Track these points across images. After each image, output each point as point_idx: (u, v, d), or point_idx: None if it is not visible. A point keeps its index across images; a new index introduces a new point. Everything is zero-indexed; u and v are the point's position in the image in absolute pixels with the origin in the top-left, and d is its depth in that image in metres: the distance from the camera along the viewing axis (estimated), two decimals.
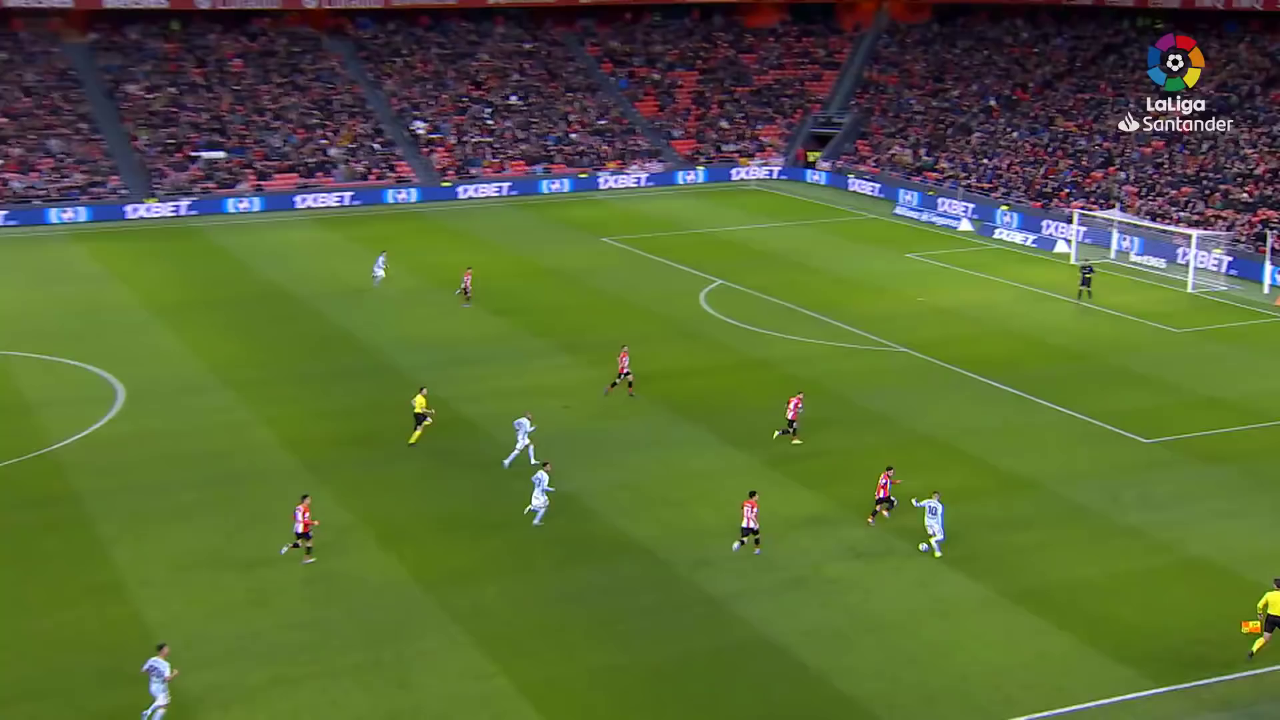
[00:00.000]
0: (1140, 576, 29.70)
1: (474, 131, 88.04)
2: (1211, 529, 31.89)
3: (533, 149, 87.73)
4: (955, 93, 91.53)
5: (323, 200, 79.05)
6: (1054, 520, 32.59)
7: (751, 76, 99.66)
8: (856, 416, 39.77)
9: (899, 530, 31.83)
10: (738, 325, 50.76)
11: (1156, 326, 51.01)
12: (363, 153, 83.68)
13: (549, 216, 76.29)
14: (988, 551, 30.92)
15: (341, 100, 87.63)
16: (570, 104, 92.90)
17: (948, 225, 72.85)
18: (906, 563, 30.38)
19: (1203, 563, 30.22)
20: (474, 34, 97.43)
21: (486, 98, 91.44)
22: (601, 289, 57.10)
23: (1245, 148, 68.49)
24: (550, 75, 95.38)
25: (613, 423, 39.30)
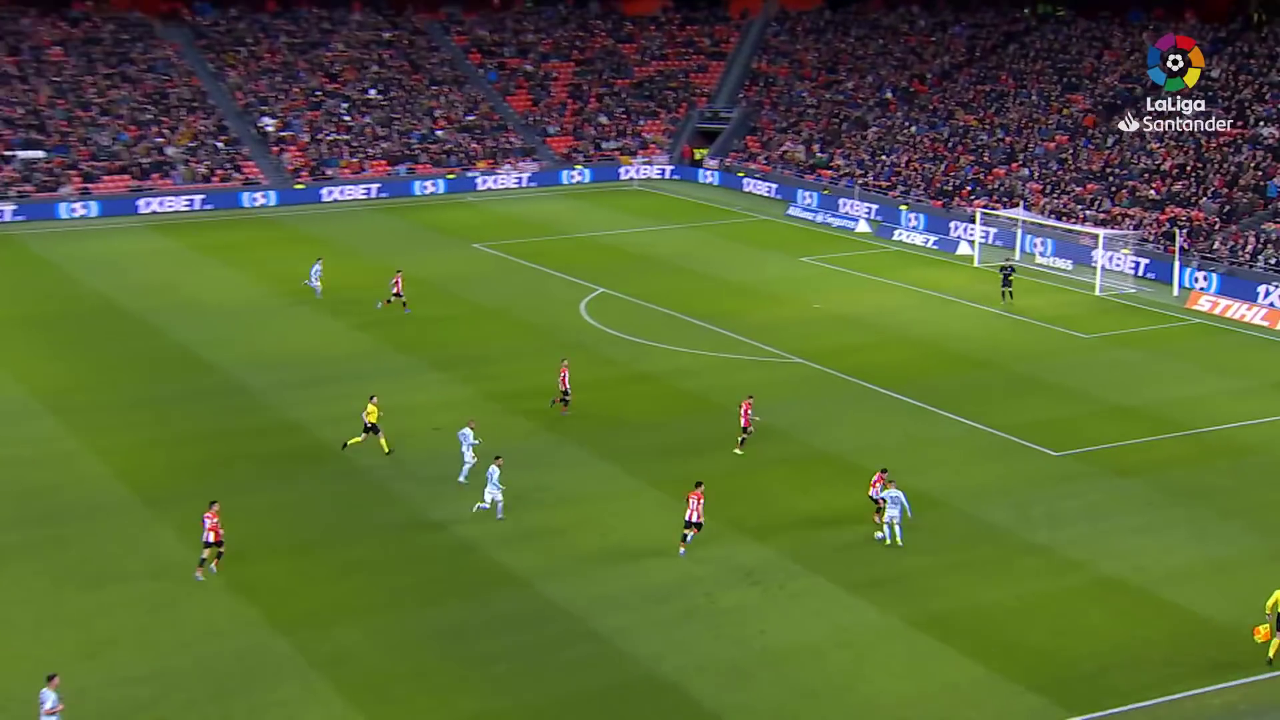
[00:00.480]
0: (1051, 598, 30.36)
1: (329, 129, 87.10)
2: (1124, 546, 32.73)
3: (395, 147, 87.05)
4: (849, 85, 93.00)
5: (169, 204, 77.45)
6: (960, 540, 33.17)
7: (632, 68, 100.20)
8: (754, 433, 40.04)
9: (797, 553, 32.13)
10: (621, 336, 50.84)
11: (1064, 332, 52.29)
12: (204, 152, 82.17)
13: (417, 220, 75.74)
14: (891, 575, 31.36)
15: (179, 94, 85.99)
16: (435, 98, 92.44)
17: (845, 226, 73.94)
18: (806, 589, 30.67)
19: (1115, 582, 31.00)
20: (327, 21, 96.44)
21: (342, 91, 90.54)
22: (473, 299, 56.82)
23: (1151, 142, 70.64)
24: (413, 67, 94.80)
25: (485, 443, 39.08)
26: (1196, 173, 66.36)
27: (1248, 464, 37.99)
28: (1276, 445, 39.44)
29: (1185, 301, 56.71)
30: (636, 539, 33.08)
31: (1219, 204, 63.51)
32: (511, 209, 79.96)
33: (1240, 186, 64.03)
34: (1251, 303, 54.84)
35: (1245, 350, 50.26)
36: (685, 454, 38.66)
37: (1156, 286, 59.82)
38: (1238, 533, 33.47)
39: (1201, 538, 33.22)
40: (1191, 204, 64.49)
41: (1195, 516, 34.43)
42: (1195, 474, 37.17)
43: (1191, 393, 44.48)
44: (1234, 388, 45.20)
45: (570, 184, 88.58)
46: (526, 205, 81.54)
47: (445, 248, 67.98)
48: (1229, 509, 34.84)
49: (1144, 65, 77.66)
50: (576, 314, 54.46)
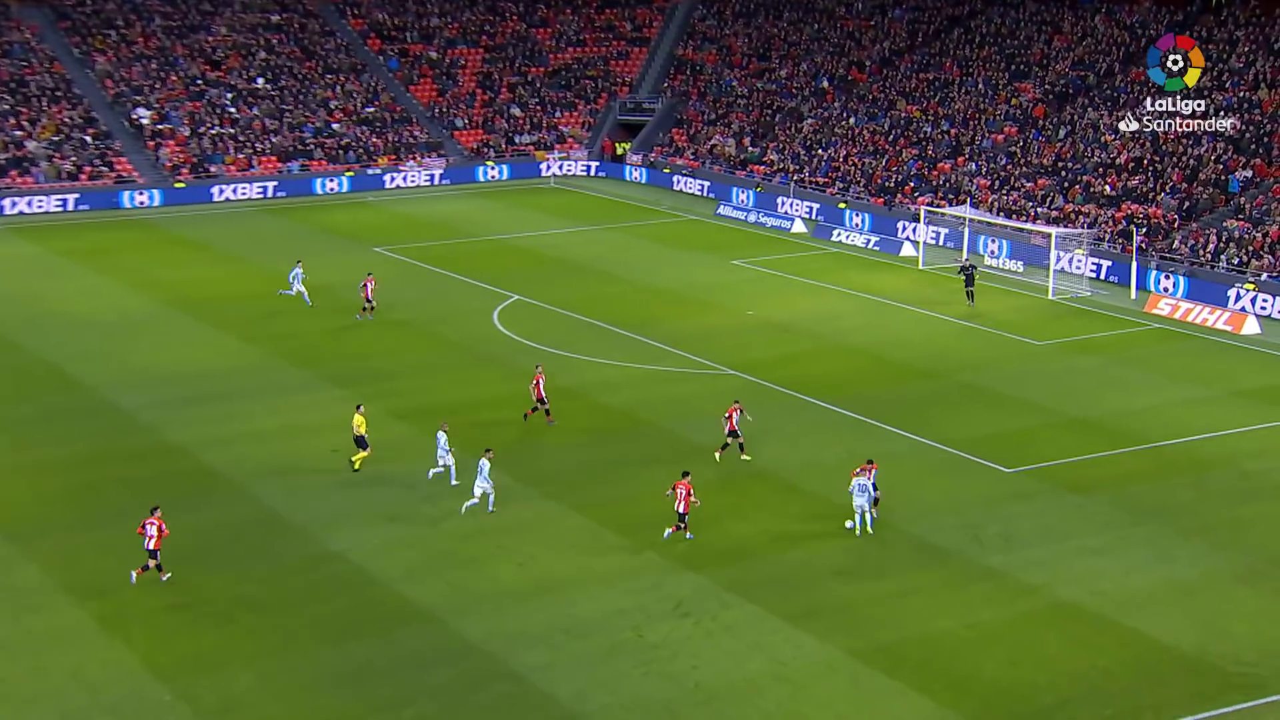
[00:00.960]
0: (1005, 626, 30.66)
1: (212, 121, 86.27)
2: (1081, 568, 33.15)
3: (286, 142, 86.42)
4: (783, 73, 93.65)
5: (38, 205, 76.22)
6: (907, 565, 33.43)
7: (547, 55, 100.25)
8: (679, 451, 40.12)
9: (732, 581, 32.22)
10: (537, 348, 50.77)
11: (1015, 338, 52.93)
12: (70, 147, 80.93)
13: (313, 222, 75.25)
14: (833, 604, 31.54)
15: (39, 82, 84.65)
16: (330, 88, 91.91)
17: (779, 227, 74.41)
18: (741, 620, 30.75)
19: (1073, 608, 31.37)
20: (208, 2, 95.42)
21: (227, 80, 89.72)
22: (376, 308, 56.52)
23: (1105, 133, 71.75)
24: (305, 53, 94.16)
25: (391, 467, 38.87)
26: (1154, 166, 67.51)
27: (1211, 479, 38.63)
28: (1240, 458, 40.16)
29: (1144, 305, 57.63)
30: (558, 569, 33.00)
31: (1178, 200, 64.65)
32: (418, 209, 79.60)
33: (1200, 181, 65.22)
34: (1214, 306, 55.84)
35: (1207, 357, 51.16)
36: (610, 475, 38.66)
37: (1113, 289, 60.73)
38: (1201, 553, 34.02)
39: (1163, 558, 33.73)
40: (1149, 200, 65.60)
41: (1156, 536, 34.94)
42: (1156, 490, 37.74)
43: (1151, 403, 45.19)
44: (1196, 397, 45.99)
45: (485, 181, 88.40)
46: (434, 205, 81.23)
47: (345, 252, 67.57)
48: (1191, 527, 35.40)
49: (1097, 51, 79.00)
50: (489, 323, 54.29)
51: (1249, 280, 57.45)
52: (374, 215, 78.10)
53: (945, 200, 71.83)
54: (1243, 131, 66.97)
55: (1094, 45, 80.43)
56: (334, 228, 73.83)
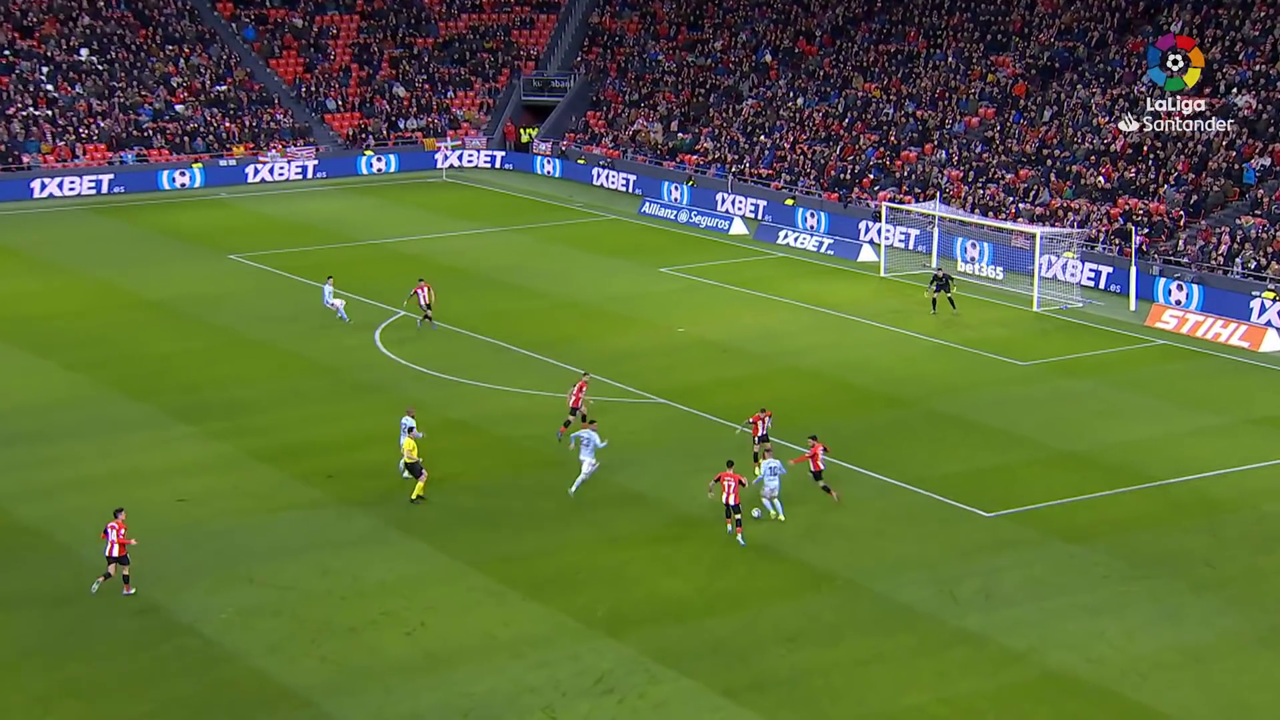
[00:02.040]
0: (986, 700, 30.85)
1: (24, 101, 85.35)
2: (1075, 630, 33.43)
3: (117, 127, 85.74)
4: (717, 45, 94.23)
5: None
6: (871, 627, 33.59)
7: (436, 23, 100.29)
8: (599, 496, 40.13)
9: (662, 650, 32.25)
10: (428, 373, 50.63)
11: (995, 358, 53.41)
12: None
13: (152, 224, 74.69)
14: (784, 675, 31.62)
15: None
16: (172, 62, 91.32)
17: (715, 227, 74.75)
18: (673, 696, 30.75)
19: (1066, 678, 31.63)
20: None
21: (42, 51, 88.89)
22: (231, 328, 56.25)
23: (1098, 115, 72.77)
24: (139, 20, 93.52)
25: (251, 518, 38.62)
26: (1155, 154, 68.53)
27: (1225, 523, 39.13)
28: (1260, 499, 40.72)
29: (1145, 317, 58.39)
30: (455, 638, 32.90)
31: (1184, 193, 65.66)
32: (282, 208, 79.16)
33: (1210, 171, 66.28)
34: (1227, 318, 56.69)
35: (1220, 379, 51.89)
36: (516, 524, 38.59)
37: (1109, 299, 61.47)
38: (1215, 611, 34.42)
39: (1171, 618, 34.09)
40: (1150, 194, 66.56)
41: (1163, 591, 35.31)
42: (1162, 537, 38.14)
43: (1155, 434, 45.75)
44: (1207, 426, 46.60)
45: (363, 174, 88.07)
46: (302, 203, 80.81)
47: (191, 259, 67.12)
48: (1204, 581, 35.82)
49: (1087, 18, 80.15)
50: (369, 345, 54.04)
51: (1269, 288, 58.41)
52: (229, 215, 77.48)
53: (911, 195, 72.50)
54: (1259, 111, 68.12)
55: (1084, 11, 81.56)
56: (179, 231, 73.21)
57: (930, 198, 69.90)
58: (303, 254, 67.62)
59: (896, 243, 68.97)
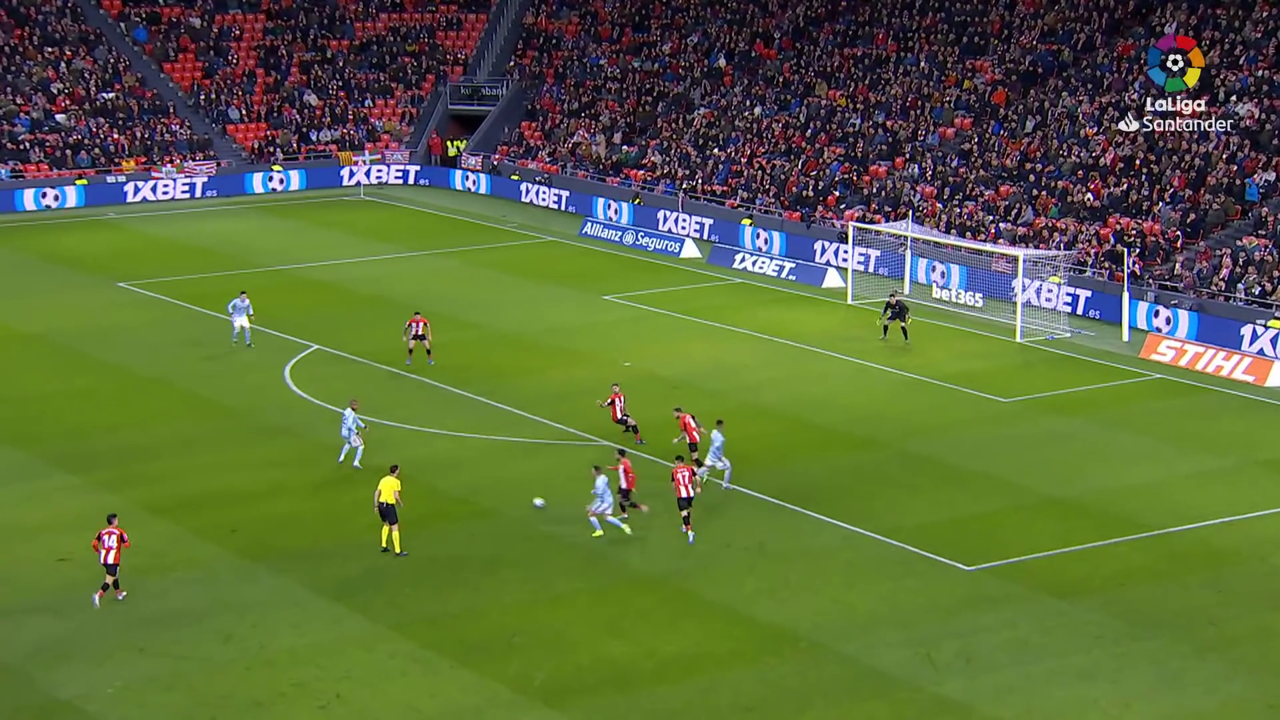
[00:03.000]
0: None
1: None
2: (1065, 697, 33.38)
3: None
4: (666, 48, 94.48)
5: None
6: (840, 695, 33.49)
7: (351, 24, 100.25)
8: (538, 548, 39.96)
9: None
10: (337, 411, 50.49)
11: (975, 394, 53.50)
12: None
13: (31, 248, 74.25)
14: None
15: None
16: (51, 66, 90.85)
17: (665, 250, 74.76)
18: None
19: None
20: None
21: None
22: (121, 364, 56.06)
23: (1085, 125, 73.17)
24: (14, 18, 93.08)
25: (142, 579, 38.23)
26: (1149, 168, 68.93)
27: (1230, 577, 39.20)
28: (1268, 549, 40.82)
29: (1139, 349, 58.63)
30: (374, 712, 32.65)
31: (1180, 212, 66.04)
32: (179, 229, 78.79)
33: (1209, 187, 66.68)
34: (1229, 349, 56.95)
35: (1222, 417, 52.10)
36: (443, 581, 38.37)
37: (1100, 328, 61.73)
38: (1221, 676, 34.44)
39: (1172, 683, 34.10)
40: (1144, 213, 66.92)
41: (1162, 653, 35.33)
42: (1160, 592, 38.18)
43: (1151, 477, 45.89)
44: (1209, 469, 46.77)
45: (270, 192, 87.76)
46: (201, 224, 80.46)
47: (75, 287, 66.81)
48: (1207, 641, 35.85)
49: (1072, 18, 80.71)
50: (278, 382, 53.78)
51: (1275, 316, 58.72)
52: (117, 238, 77.09)
53: (880, 214, 72.70)
54: (1261, 121, 68.64)
55: (1069, 11, 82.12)
56: (61, 255, 72.82)
57: (902, 217, 70.10)
58: (202, 281, 67.27)
59: (863, 266, 69.00)
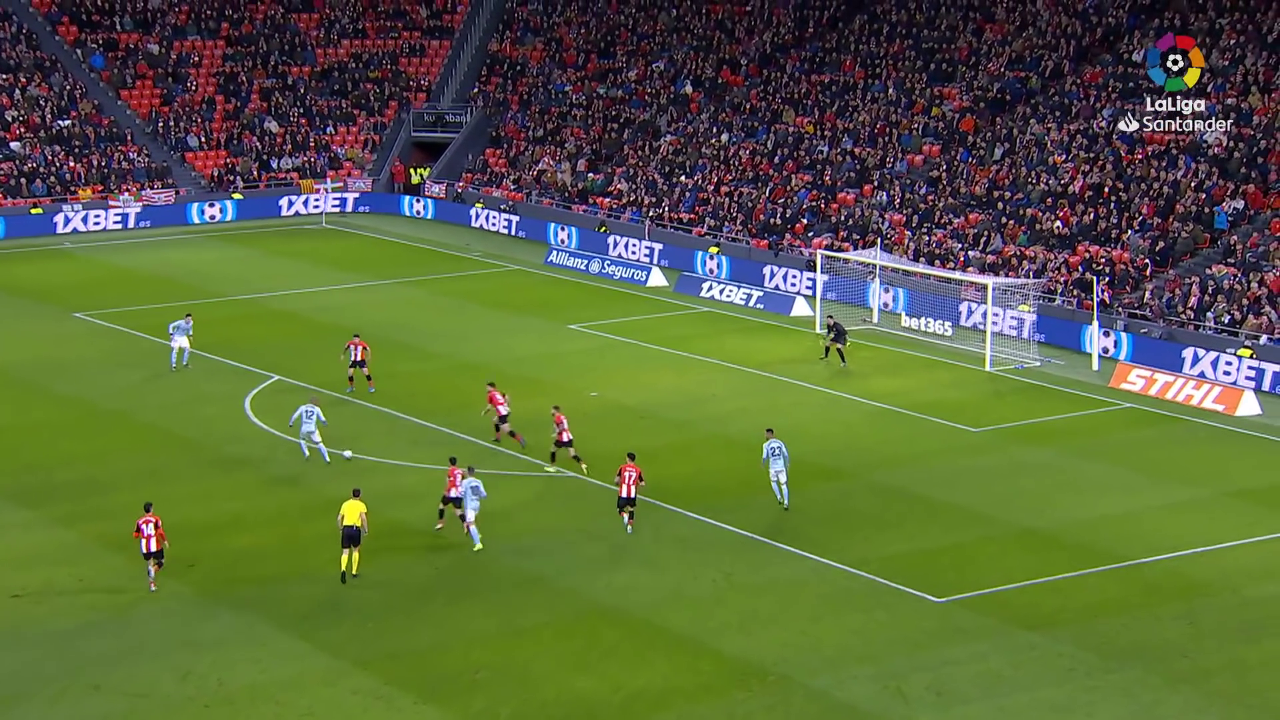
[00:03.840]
0: None
1: None
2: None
3: None
4: (632, 74, 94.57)
5: None
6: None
7: (313, 50, 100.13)
8: (502, 581, 39.81)
9: None
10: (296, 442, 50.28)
11: (944, 424, 53.54)
12: None
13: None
14: None
15: None
16: (6, 93, 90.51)
17: (631, 279, 74.73)
18: None
19: None
20: None
21: None
22: (77, 397, 55.89)
23: (1054, 152, 73.40)
24: None
25: (98, 615, 37.95)
26: (1117, 195, 69.15)
27: (1205, 608, 39.16)
28: (1241, 581, 40.81)
29: (1109, 378, 58.74)
30: None
31: (1149, 240, 66.25)
32: (137, 259, 78.55)
33: (1178, 215, 66.93)
34: (1199, 379, 57.11)
35: (1194, 446, 52.18)
36: (405, 616, 38.16)
37: (1069, 357, 61.83)
38: (1195, 709, 34.38)
39: (1145, 716, 34.00)
40: (1113, 240, 67.11)
41: (1136, 685, 35.27)
42: (1133, 624, 38.14)
43: (1123, 508, 45.90)
44: (1181, 500, 46.81)
45: (231, 221, 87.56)
46: (160, 253, 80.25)
47: (30, 318, 66.66)
48: (1181, 673, 35.80)
49: (1040, 45, 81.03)
50: (238, 414, 53.56)
51: (1244, 345, 58.93)
52: (74, 267, 76.80)
53: (849, 242, 72.78)
54: (1230, 149, 68.96)
55: (1036, 39, 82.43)
56: (15, 285, 72.64)
57: (870, 244, 70.20)
58: (161, 311, 66.96)
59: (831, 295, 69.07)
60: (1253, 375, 57.42)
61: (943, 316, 65.05)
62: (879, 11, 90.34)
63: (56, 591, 39.58)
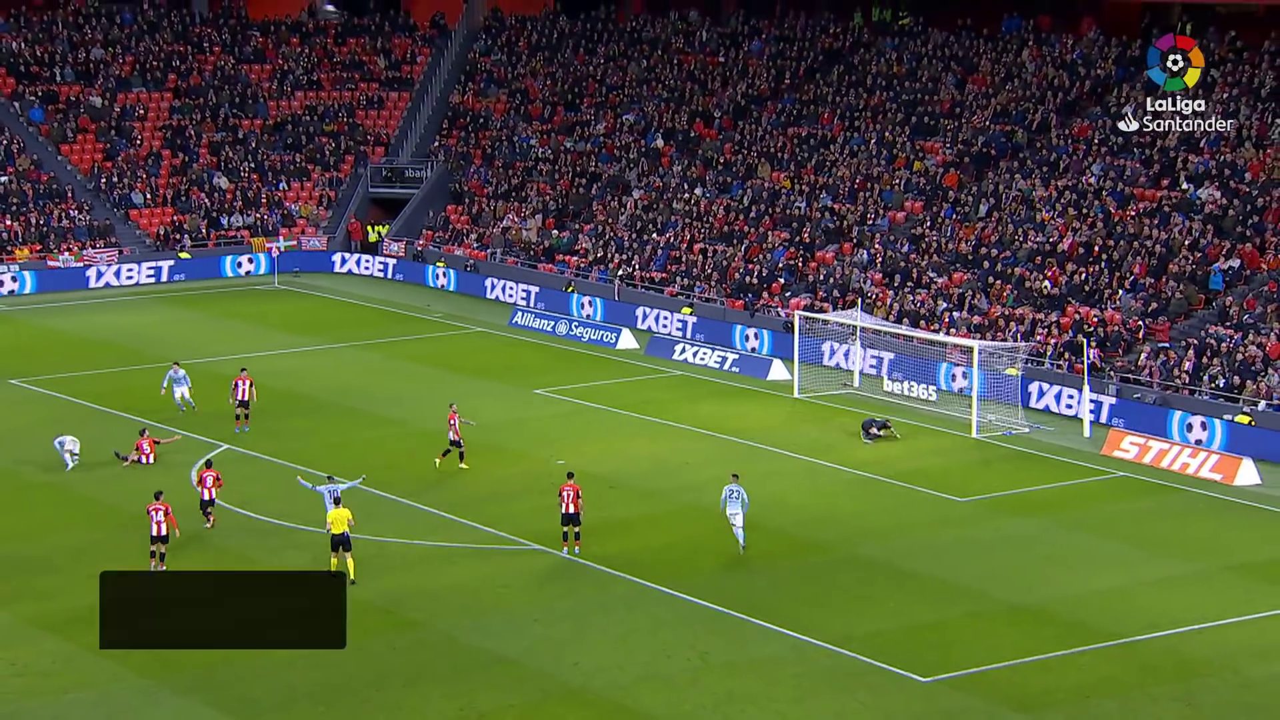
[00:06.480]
0: None
1: None
2: None
3: None
4: (599, 128, 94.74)
5: None
6: None
7: (265, 102, 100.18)
8: (464, 662, 39.55)
9: None
10: (257, 519, 50.06)
11: (929, 494, 53.40)
12: None
13: None
14: None
15: None
16: None
17: (600, 341, 74.61)
18: None
19: None
20: None
21: None
22: (9, 469, 55.83)
23: (1042, 209, 73.58)
24: None
25: (32, 700, 37.59)
26: (1108, 254, 69.27)
27: (1203, 689, 38.99)
28: (1241, 659, 40.66)
29: (1101, 445, 58.70)
30: None
31: (1142, 300, 66.33)
32: (76, 322, 78.36)
33: (1171, 275, 67.04)
34: (1195, 446, 57.06)
35: (1191, 518, 52.06)
36: (363, 698, 37.87)
37: (1060, 423, 61.79)
38: None
39: None
40: (1104, 301, 67.18)
41: None
42: (1129, 706, 37.95)
43: (1116, 583, 45.76)
44: (1177, 574, 46.66)
45: (177, 281, 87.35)
46: (102, 315, 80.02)
47: None
48: None
49: (1026, 98, 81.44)
50: (184, 486, 53.20)
51: (1242, 411, 58.93)
52: (8, 331, 76.43)
53: (828, 303, 72.77)
54: (1225, 207, 69.17)
55: (1022, 90, 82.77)
56: None
57: (850, 305, 70.20)
58: (102, 377, 66.78)
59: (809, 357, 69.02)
60: (1250, 443, 57.36)
61: (926, 380, 65.06)
62: (857, 62, 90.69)
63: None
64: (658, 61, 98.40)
